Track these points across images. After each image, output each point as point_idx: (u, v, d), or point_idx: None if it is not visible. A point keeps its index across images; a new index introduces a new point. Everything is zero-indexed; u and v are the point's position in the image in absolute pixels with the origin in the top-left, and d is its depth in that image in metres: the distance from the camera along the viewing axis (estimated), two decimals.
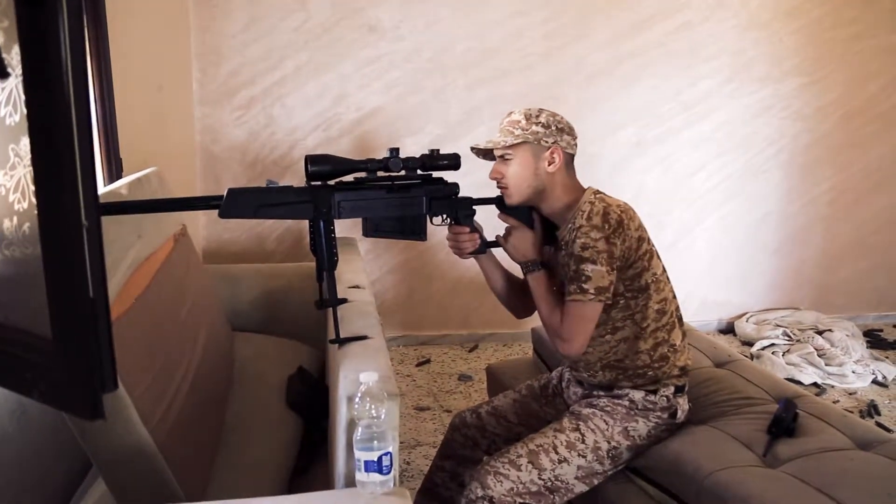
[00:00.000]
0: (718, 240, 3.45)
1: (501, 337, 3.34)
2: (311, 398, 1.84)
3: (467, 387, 2.89)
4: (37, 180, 0.80)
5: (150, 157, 2.12)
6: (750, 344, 3.30)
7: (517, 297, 1.68)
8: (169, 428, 1.32)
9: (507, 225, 1.58)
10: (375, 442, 1.05)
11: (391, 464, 1.07)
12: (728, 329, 3.55)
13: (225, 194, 1.33)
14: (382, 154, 1.44)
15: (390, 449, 1.06)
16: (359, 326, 1.47)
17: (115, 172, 1.94)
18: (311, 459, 1.74)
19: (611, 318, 1.51)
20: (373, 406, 1.08)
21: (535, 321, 2.12)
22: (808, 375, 2.94)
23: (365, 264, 3.17)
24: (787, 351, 3.12)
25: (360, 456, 1.05)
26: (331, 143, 3.01)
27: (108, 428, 1.18)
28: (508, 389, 1.80)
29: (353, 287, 1.76)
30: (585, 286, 1.42)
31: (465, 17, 2.99)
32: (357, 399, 1.09)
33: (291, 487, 1.61)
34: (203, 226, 3.00)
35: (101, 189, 1.62)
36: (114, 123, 1.92)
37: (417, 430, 2.53)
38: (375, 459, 1.05)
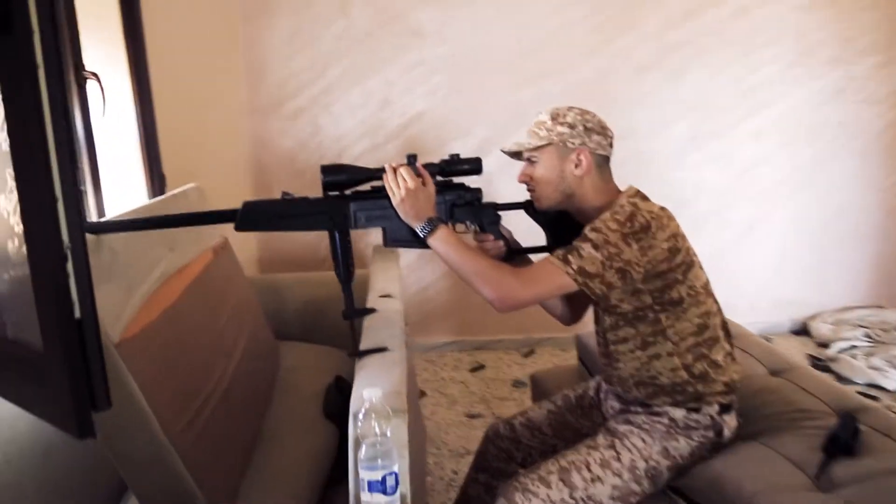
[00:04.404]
0: (788, 235, 3.24)
1: (559, 341, 3.25)
2: (347, 408, 1.83)
3: (521, 393, 2.82)
4: (21, 202, 0.82)
5: (195, 171, 2.17)
6: (826, 346, 3.07)
7: (560, 303, 1.60)
8: (195, 437, 1.33)
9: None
10: (380, 461, 1.02)
11: (396, 484, 1.03)
12: (801, 330, 3.32)
13: (240, 207, 1.33)
14: (402, 160, 1.40)
15: (395, 468, 1.02)
16: (383, 336, 1.44)
17: (157, 188, 2.00)
18: (347, 470, 1.73)
19: (639, 332, 1.40)
20: (377, 423, 1.05)
21: (580, 328, 2.04)
22: (893, 381, 2.71)
23: (412, 271, 3.16)
24: (870, 354, 2.89)
25: (364, 475, 1.02)
26: (377, 149, 3.02)
27: (130, 437, 1.21)
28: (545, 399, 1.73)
29: (384, 296, 1.73)
30: (571, 259, 1.29)
31: (508, 18, 2.92)
32: (361, 416, 1.06)
33: (325, 498, 1.60)
34: (255, 235, 3.06)
35: (138, 205, 1.66)
36: (155, 141, 1.98)
37: (468, 438, 2.48)
38: (379, 479, 1.01)
